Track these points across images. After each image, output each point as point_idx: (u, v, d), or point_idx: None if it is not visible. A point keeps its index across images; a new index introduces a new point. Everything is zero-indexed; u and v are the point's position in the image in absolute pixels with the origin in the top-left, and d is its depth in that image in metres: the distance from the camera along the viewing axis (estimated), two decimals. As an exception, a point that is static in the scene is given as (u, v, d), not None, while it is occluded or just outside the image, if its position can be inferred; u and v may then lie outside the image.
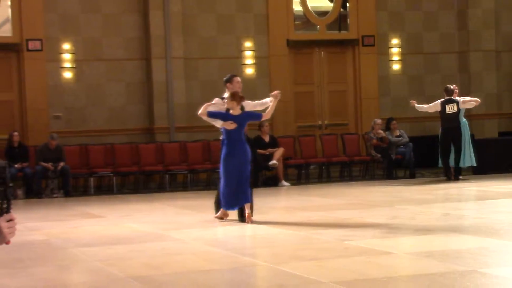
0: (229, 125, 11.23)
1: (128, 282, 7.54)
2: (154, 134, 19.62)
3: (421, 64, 21.91)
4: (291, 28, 21.00)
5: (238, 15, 20.55)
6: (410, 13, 21.87)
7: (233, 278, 7.64)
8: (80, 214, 13.74)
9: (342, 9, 21.50)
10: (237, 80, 11.77)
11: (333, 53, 21.40)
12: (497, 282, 6.92)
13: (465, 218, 11.20)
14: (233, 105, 11.19)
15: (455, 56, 22.10)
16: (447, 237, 9.62)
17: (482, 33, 21.93)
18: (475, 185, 16.12)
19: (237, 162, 11.22)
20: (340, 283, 7.05)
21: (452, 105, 17.20)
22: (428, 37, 21.96)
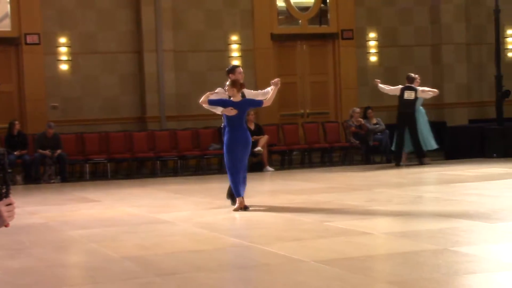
0: (229, 111, 10.95)
1: (122, 262, 7.55)
2: (146, 123, 19.60)
3: (397, 56, 21.95)
4: (275, 22, 20.98)
5: (225, 10, 20.52)
6: (386, 8, 21.89)
7: (221, 258, 7.65)
8: (76, 198, 13.73)
9: (322, 4, 21.51)
10: (239, 70, 11.46)
11: (314, 46, 21.40)
12: (467, 259, 6.95)
13: (437, 200, 11.23)
14: (233, 92, 10.92)
15: (428, 49, 22.14)
16: (421, 218, 9.66)
17: (453, 27, 21.97)
18: (446, 169, 16.16)
19: (240, 148, 10.97)
20: (321, 262, 7.07)
21: (410, 92, 17.24)
22: (403, 31, 21.99)
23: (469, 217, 9.43)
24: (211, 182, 16.23)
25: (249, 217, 10.40)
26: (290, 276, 6.69)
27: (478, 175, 14.70)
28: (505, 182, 13.36)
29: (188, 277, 6.75)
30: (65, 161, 17.42)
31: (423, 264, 6.85)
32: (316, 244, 8.20)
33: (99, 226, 10.04)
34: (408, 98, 17.22)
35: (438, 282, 6.16)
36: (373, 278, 6.56)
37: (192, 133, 19.20)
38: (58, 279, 7.07)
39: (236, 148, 10.95)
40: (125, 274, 7.00)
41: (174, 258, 7.64)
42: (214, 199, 12.73)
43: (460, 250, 7.37)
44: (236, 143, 10.96)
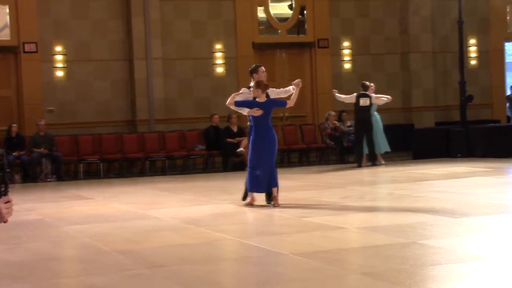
0: (255, 112, 10.61)
1: (113, 255, 7.52)
2: (136, 126, 19.56)
3: (369, 63, 22.00)
4: (256, 32, 20.98)
5: (210, 21, 20.51)
6: (359, 19, 21.94)
7: (206, 251, 7.64)
8: (71, 196, 13.67)
9: (300, 15, 21.54)
10: (262, 70, 11.04)
11: (293, 54, 21.42)
12: (433, 251, 6.98)
13: (406, 197, 11.26)
14: (258, 93, 10.60)
15: (397, 57, 22.21)
16: (391, 214, 9.69)
17: (420, 37, 22.06)
18: (415, 168, 16.21)
19: (266, 147, 10.61)
20: (299, 255, 7.08)
21: (365, 99, 17.15)
22: (374, 40, 22.05)
23: (435, 212, 9.47)
24: (197, 180, 16.22)
25: (232, 213, 10.39)
26: (270, 268, 6.69)
27: (443, 173, 14.77)
28: (469, 180, 13.42)
29: (175, 269, 6.74)
30: (61, 161, 17.36)
31: (393, 256, 6.87)
32: (294, 238, 8.21)
33: (92, 222, 10.00)
34: (363, 104, 17.13)
35: (407, 273, 6.17)
36: (347, 269, 6.57)
37: (179, 135, 19.18)
38: (54, 272, 7.04)
39: (262, 146, 10.61)
40: (116, 266, 6.97)
41: (162, 252, 7.62)
42: (200, 196, 12.72)
43: (427, 243, 7.40)
44: (262, 141, 10.62)
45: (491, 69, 23.22)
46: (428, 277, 6.14)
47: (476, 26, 22.74)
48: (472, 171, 14.88)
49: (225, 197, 12.29)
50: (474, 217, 8.98)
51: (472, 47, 22.93)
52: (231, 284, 6.46)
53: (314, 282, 6.06)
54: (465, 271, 6.17)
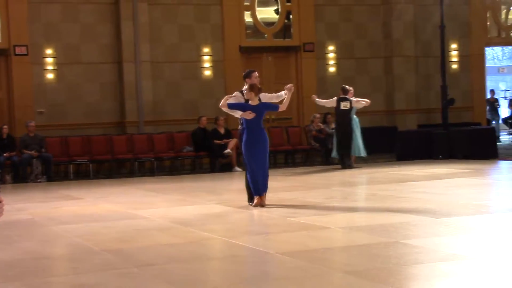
0: (248, 115, 10.54)
1: (102, 254, 7.50)
2: (125, 127, 19.52)
3: (353, 67, 22.05)
4: (243, 36, 20.99)
5: (197, 25, 20.50)
6: (343, 24, 21.99)
7: (193, 250, 7.63)
8: (61, 196, 13.63)
9: (286, 20, 21.56)
10: (255, 75, 10.97)
11: (279, 58, 21.43)
12: (416, 251, 7.00)
13: (389, 198, 11.29)
14: (251, 96, 10.56)
15: (381, 61, 22.26)
16: (374, 214, 9.71)
17: (403, 42, 22.13)
18: (397, 169, 16.26)
19: (258, 148, 10.58)
20: (284, 254, 7.08)
21: (346, 103, 17.05)
22: (358, 45, 22.10)
23: (417, 212, 9.50)
24: (185, 181, 16.20)
25: (219, 213, 10.39)
26: (256, 267, 6.69)
27: (426, 175, 14.81)
28: (450, 181, 13.48)
29: (163, 268, 6.73)
30: (51, 162, 17.30)
31: (376, 255, 6.88)
32: (280, 237, 8.21)
33: (82, 221, 9.98)
34: (344, 108, 17.04)
35: (390, 271, 6.19)
36: (331, 268, 6.58)
37: (167, 136, 19.16)
38: (44, 270, 7.02)
39: (253, 148, 10.58)
40: (105, 265, 6.95)
41: (150, 251, 7.61)
42: (187, 196, 12.71)
43: (409, 242, 7.42)
44: (254, 143, 10.59)
45: (472, 73, 23.33)
46: (410, 276, 6.16)
47: (457, 31, 22.84)
48: (453, 173, 14.93)
49: (212, 198, 12.29)
50: (455, 217, 9.02)
51: (454, 51, 23.03)
52: (218, 282, 6.46)
53: (299, 281, 6.07)
54: (446, 269, 6.19)
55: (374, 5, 22.20)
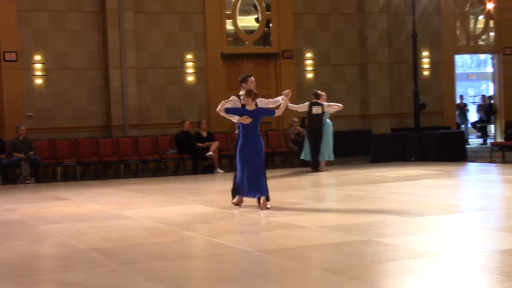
0: (244, 120, 10.28)
1: (89, 253, 7.46)
2: (111, 130, 19.45)
3: (330, 73, 22.10)
4: (225, 43, 20.98)
5: (181, 32, 20.48)
6: (321, 32, 22.04)
7: (177, 249, 7.61)
8: (49, 197, 13.54)
9: (266, 28, 21.59)
10: (251, 80, 10.83)
11: (259, 64, 21.43)
12: (389, 249, 7.02)
13: (364, 198, 11.31)
14: (248, 101, 10.32)
15: (356, 67, 22.33)
16: (350, 214, 9.72)
17: (377, 49, 22.22)
18: (372, 171, 16.30)
19: (251, 153, 10.30)
20: (264, 252, 7.08)
21: (318, 107, 16.75)
22: (335, 52, 22.15)
23: (391, 212, 9.53)
24: (169, 182, 16.15)
25: (202, 213, 10.37)
26: (237, 264, 6.68)
27: (398, 176, 14.86)
28: (422, 182, 13.54)
29: (147, 266, 6.70)
30: (39, 164, 17.18)
31: (351, 253, 6.89)
32: (259, 236, 8.21)
33: (69, 221, 9.92)
34: (316, 113, 16.74)
35: (364, 269, 6.20)
36: (309, 265, 6.58)
37: (151, 139, 19.13)
38: (32, 269, 6.97)
39: (248, 152, 10.31)
40: (92, 264, 6.91)
41: (135, 249, 7.58)
42: (171, 197, 12.68)
43: (383, 241, 7.44)
44: (249, 149, 10.33)
45: (442, 80, 23.45)
46: (384, 272, 6.18)
47: (429, 39, 22.95)
48: (425, 174, 15.00)
49: (195, 198, 12.27)
50: (426, 216, 9.05)
51: (425, 59, 23.15)
52: (200, 279, 6.44)
53: (278, 277, 6.07)
54: (418, 266, 6.21)
55: (349, 14, 22.26)
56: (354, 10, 22.29)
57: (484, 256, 6.53)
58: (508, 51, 24.27)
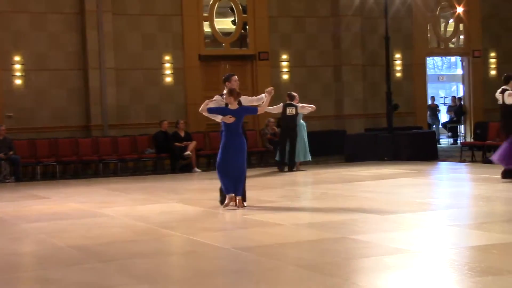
0: (228, 119, 10.04)
1: (68, 250, 7.42)
2: (90, 130, 19.34)
3: (305, 75, 22.13)
4: (202, 45, 20.94)
5: (159, 34, 20.41)
6: (296, 34, 22.06)
7: (155, 246, 7.59)
8: (29, 196, 13.44)
9: (242, 30, 21.57)
10: (234, 79, 10.51)
11: (236, 66, 21.40)
12: (362, 246, 7.05)
13: (339, 196, 11.35)
14: (231, 100, 10.04)
15: (331, 69, 22.38)
16: (324, 211, 9.75)
17: (351, 51, 22.29)
18: (346, 170, 16.35)
19: (234, 152, 10.10)
20: (240, 249, 7.08)
21: (291, 108, 16.71)
22: (310, 54, 22.19)
23: (364, 210, 9.57)
24: (147, 181, 16.10)
25: (180, 211, 10.35)
26: (214, 261, 6.68)
27: (372, 175, 14.93)
28: (394, 181, 13.60)
29: (126, 263, 6.67)
30: (19, 163, 17.05)
31: (326, 250, 6.92)
32: (236, 233, 8.21)
33: (49, 219, 9.85)
34: (289, 114, 16.70)
35: (338, 265, 6.23)
36: (284, 262, 6.58)
37: (130, 139, 19.05)
38: (12, 266, 6.91)
39: (229, 152, 10.10)
40: (71, 261, 6.88)
41: (114, 247, 7.55)
42: (150, 196, 12.63)
43: (357, 237, 7.47)
44: (231, 147, 10.11)
45: (414, 81, 23.58)
46: (357, 269, 6.20)
47: (401, 42, 23.08)
48: (398, 173, 15.07)
49: (173, 197, 12.24)
50: (399, 214, 9.10)
51: (397, 61, 23.26)
52: (177, 276, 6.42)
53: (254, 274, 6.07)
54: (391, 262, 6.25)
55: (324, 17, 22.31)
56: (328, 13, 22.35)
57: (454, 253, 6.58)
58: (477, 53, 24.47)
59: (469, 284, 5.38)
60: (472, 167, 16.50)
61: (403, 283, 5.54)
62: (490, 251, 6.60)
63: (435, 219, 8.82)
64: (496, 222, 8.21)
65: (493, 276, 5.58)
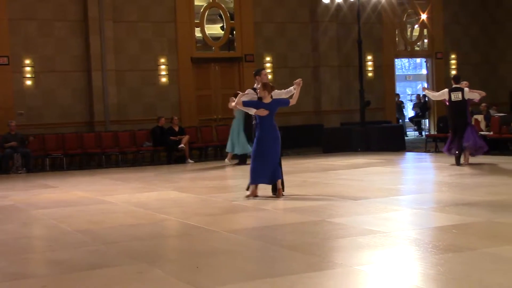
0: (261, 112, 9.47)
1: (75, 234, 7.40)
2: (94, 126, 19.26)
3: (287, 75, 22.04)
4: (194, 48, 20.89)
5: (155, 39, 20.34)
6: (278, 39, 22.03)
7: (152, 230, 7.58)
8: (39, 185, 13.38)
9: (230, 35, 21.53)
10: (264, 73, 10.02)
11: (224, 67, 21.39)
12: (338, 227, 7.08)
13: (318, 184, 11.38)
14: (265, 94, 9.47)
15: (310, 70, 22.39)
16: (305, 197, 9.77)
17: (328, 54, 22.31)
18: (324, 160, 16.40)
19: (269, 144, 9.51)
20: (230, 231, 7.09)
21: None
22: (291, 56, 22.17)
23: (340, 196, 9.60)
24: (145, 171, 16.05)
25: (174, 198, 10.34)
26: (206, 243, 6.68)
27: (347, 164, 14.97)
28: (367, 169, 13.65)
29: (127, 245, 6.66)
30: (30, 156, 16.97)
31: (306, 232, 6.94)
32: (225, 218, 8.21)
33: (57, 206, 9.82)
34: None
35: (318, 245, 6.25)
36: (269, 243, 6.60)
37: (130, 133, 18.99)
38: (23, 248, 6.89)
39: (264, 144, 9.51)
40: (77, 243, 6.86)
41: (116, 230, 7.53)
42: (148, 184, 12.61)
43: (333, 220, 7.49)
44: (266, 139, 9.51)
45: (384, 80, 23.64)
46: (334, 248, 6.23)
47: (372, 45, 23.12)
48: (370, 162, 15.13)
49: (169, 185, 12.22)
50: (370, 199, 9.14)
51: (369, 62, 23.30)
52: (173, 256, 6.42)
53: (241, 254, 6.08)
54: (364, 242, 6.27)
55: (303, 23, 22.31)
56: (307, 19, 22.35)
57: (419, 233, 6.62)
58: (439, 55, 24.58)
59: (433, 260, 5.41)
60: (436, 156, 16.59)
61: (375, 260, 5.57)
62: (451, 230, 6.65)
63: (402, 203, 8.87)
64: (456, 205, 8.27)
65: (453, 253, 5.62)
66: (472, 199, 8.78)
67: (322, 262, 5.54)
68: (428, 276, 4.97)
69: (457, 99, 13.34)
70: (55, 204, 10.12)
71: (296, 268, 5.33)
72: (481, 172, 12.20)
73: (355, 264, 5.40)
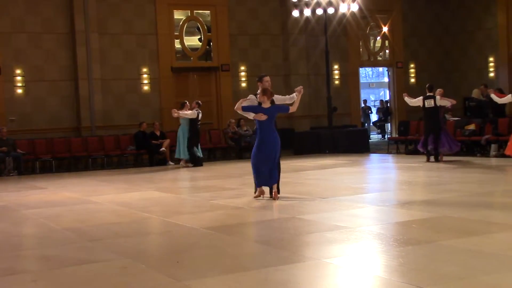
0: (260, 117, 9.10)
1: (63, 232, 7.33)
2: (81, 131, 19.12)
3: (260, 83, 22.09)
4: (174, 59, 20.83)
5: (138, 49, 20.26)
6: (252, 49, 22.07)
7: (136, 227, 7.53)
8: (29, 186, 13.23)
9: (207, 46, 21.52)
10: (266, 79, 9.50)
11: (202, 76, 21.36)
12: (308, 224, 7.10)
13: (289, 183, 11.38)
14: (264, 99, 9.12)
15: (281, 78, 22.42)
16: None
17: (298, 63, 22.39)
18: (294, 161, 16.44)
19: (268, 148, 9.15)
20: (207, 228, 7.07)
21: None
22: (264, 65, 22.18)
23: (309, 194, 9.63)
24: (129, 174, 15.96)
25: (156, 198, 10.28)
26: (186, 239, 6.66)
27: (315, 165, 15.03)
28: (334, 170, 13.72)
29: (111, 242, 6.61)
30: (21, 160, 16.78)
31: (278, 228, 6.94)
32: (204, 216, 8.19)
33: (46, 206, 9.71)
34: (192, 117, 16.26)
35: (288, 240, 6.26)
36: (244, 238, 6.60)
37: (114, 138, 18.88)
38: (15, 246, 6.80)
39: (264, 148, 9.14)
40: (65, 241, 6.79)
41: (101, 228, 7.47)
42: (131, 185, 12.53)
43: (303, 217, 7.51)
44: (266, 143, 9.15)
45: (350, 87, 23.78)
46: (304, 243, 6.24)
47: (338, 55, 23.25)
48: (337, 163, 15.20)
49: (151, 186, 12.16)
50: (338, 197, 9.18)
51: (336, 70, 23.42)
52: (155, 252, 6.39)
53: (219, 249, 6.07)
54: (332, 237, 6.30)
55: (275, 35, 22.35)
56: (278, 31, 22.40)
57: (382, 228, 6.67)
58: (400, 64, 24.79)
59: (394, 252, 5.45)
60: (397, 157, 16.72)
61: (342, 253, 5.59)
62: (411, 225, 6.70)
63: (367, 201, 8.91)
64: (415, 202, 8.34)
65: (413, 246, 5.67)
66: (429, 196, 8.86)
67: (293, 256, 5.55)
68: (391, 267, 5.00)
69: (430, 106, 14.09)
70: (45, 204, 10.01)
71: (269, 261, 5.33)
72: (438, 173, 12.32)
73: (323, 257, 5.41)
